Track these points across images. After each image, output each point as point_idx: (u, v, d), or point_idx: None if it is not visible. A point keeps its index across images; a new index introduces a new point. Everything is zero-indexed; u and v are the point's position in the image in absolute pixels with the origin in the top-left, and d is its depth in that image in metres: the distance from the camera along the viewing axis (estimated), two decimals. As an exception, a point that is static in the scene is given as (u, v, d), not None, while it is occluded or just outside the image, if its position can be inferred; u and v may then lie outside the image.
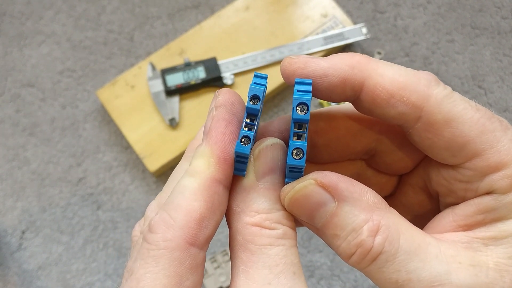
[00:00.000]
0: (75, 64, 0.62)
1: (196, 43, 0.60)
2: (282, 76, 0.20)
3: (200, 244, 0.18)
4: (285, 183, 0.20)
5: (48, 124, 0.60)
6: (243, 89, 0.58)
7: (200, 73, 0.57)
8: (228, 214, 0.20)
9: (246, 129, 0.19)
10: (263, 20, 0.61)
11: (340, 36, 0.60)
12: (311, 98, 0.18)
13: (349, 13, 0.65)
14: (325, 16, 0.61)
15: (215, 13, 0.62)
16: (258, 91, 0.18)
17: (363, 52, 0.64)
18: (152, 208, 0.21)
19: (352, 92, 0.19)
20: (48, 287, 0.55)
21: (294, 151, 0.18)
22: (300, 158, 0.18)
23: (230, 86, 0.58)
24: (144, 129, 0.56)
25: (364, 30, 0.60)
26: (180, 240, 0.17)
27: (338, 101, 0.21)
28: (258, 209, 0.19)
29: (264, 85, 0.19)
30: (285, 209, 0.19)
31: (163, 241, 0.17)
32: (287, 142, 0.20)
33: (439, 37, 0.66)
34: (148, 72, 0.57)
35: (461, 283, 0.17)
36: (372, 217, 0.18)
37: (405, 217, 0.19)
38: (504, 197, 0.18)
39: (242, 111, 0.20)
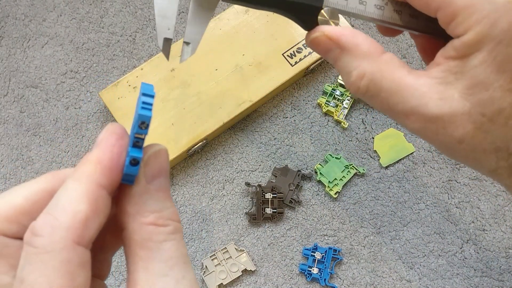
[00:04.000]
0: (78, 66, 0.63)
1: (197, 45, 0.60)
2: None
3: (86, 243, 0.19)
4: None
5: (52, 124, 0.61)
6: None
7: None
8: (123, 216, 0.21)
9: (136, 145, 0.20)
10: (263, 23, 0.62)
11: (338, 38, 0.61)
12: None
13: (347, 15, 0.66)
14: (323, 18, 0.62)
15: (216, 15, 0.63)
16: (146, 118, 0.19)
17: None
18: None
19: None
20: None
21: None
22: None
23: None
24: (146, 130, 0.57)
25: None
26: (67, 241, 0.18)
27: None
28: (152, 209, 0.21)
29: (151, 108, 0.20)
30: (173, 207, 0.22)
31: (50, 243, 0.18)
32: None
33: (436, 39, 0.67)
34: None
35: (429, 112, 0.24)
36: (360, 65, 0.26)
37: None
38: (461, 39, 0.24)
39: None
